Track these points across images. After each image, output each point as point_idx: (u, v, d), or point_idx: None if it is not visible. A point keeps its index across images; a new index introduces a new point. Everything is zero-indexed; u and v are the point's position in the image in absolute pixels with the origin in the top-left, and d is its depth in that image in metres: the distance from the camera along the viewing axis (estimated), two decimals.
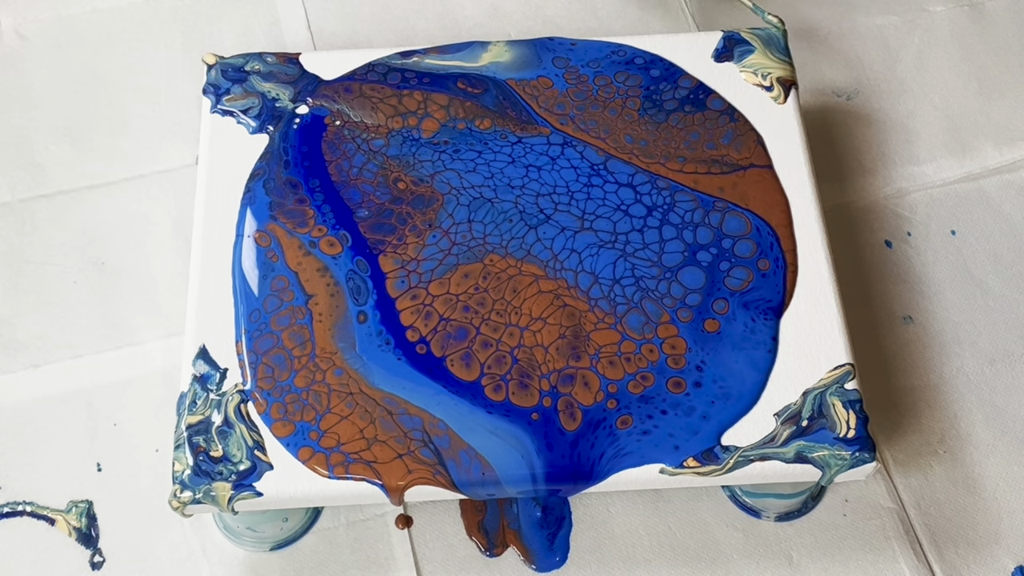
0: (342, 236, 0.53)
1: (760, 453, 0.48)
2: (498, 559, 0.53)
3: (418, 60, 0.58)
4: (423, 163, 0.55)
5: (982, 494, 0.54)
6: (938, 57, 0.67)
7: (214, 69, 0.58)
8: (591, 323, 0.51)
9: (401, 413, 0.48)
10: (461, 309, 0.51)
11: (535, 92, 0.57)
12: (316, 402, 0.49)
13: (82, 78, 0.66)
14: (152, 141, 0.64)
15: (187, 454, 0.48)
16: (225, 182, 0.54)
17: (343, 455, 0.48)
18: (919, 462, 0.55)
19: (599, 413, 0.49)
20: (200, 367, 0.50)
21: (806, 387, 0.49)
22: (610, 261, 0.52)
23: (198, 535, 0.53)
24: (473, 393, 0.49)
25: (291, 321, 0.51)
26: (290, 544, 0.53)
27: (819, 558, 0.53)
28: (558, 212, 0.54)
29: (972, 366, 0.57)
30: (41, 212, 0.61)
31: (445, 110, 0.57)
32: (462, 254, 0.52)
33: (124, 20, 0.68)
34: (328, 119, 0.56)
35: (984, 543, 0.53)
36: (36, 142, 0.64)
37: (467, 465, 0.47)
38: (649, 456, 0.48)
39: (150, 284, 0.59)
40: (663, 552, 0.53)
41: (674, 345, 0.50)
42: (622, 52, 0.58)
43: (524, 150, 0.55)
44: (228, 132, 0.56)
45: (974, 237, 0.61)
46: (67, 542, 0.53)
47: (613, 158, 0.55)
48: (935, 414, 0.56)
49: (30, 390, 0.56)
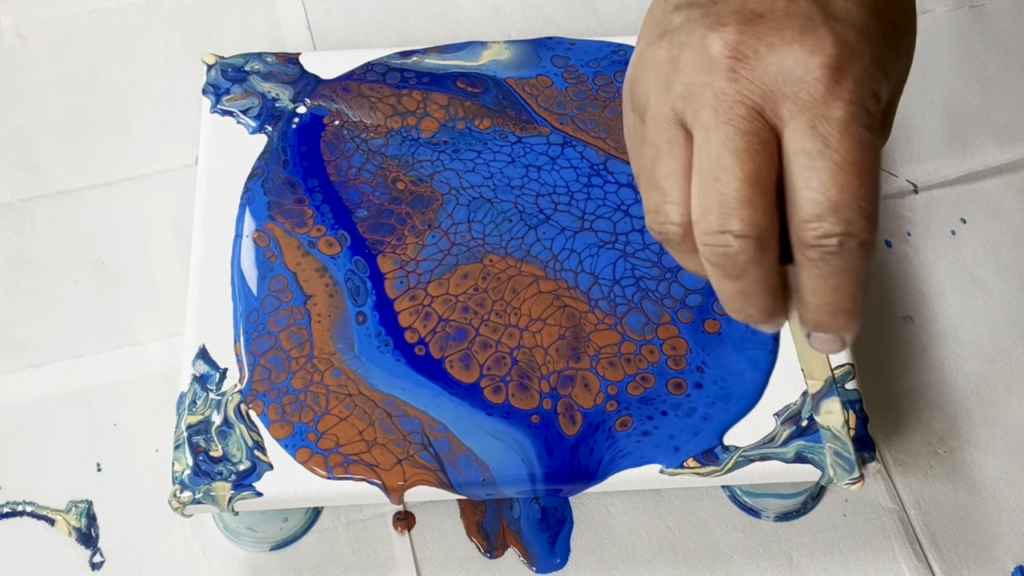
0: (341, 236, 0.53)
1: (760, 453, 0.48)
2: (498, 560, 0.53)
3: (417, 60, 0.58)
4: (422, 163, 0.55)
5: (982, 494, 0.54)
6: (938, 57, 0.66)
7: (214, 69, 0.58)
8: (591, 324, 0.51)
9: (400, 415, 0.48)
10: (460, 310, 0.51)
11: (535, 91, 0.57)
12: (314, 403, 0.49)
13: (82, 78, 0.66)
14: (152, 141, 0.63)
15: (187, 454, 0.48)
16: (225, 182, 0.54)
17: (342, 456, 0.48)
18: (919, 462, 0.55)
19: (599, 415, 0.49)
20: (200, 367, 0.50)
21: (806, 387, 0.49)
22: (610, 261, 0.52)
23: (198, 535, 0.53)
24: (473, 395, 0.49)
25: (289, 322, 0.51)
26: (290, 544, 0.53)
27: (819, 558, 0.53)
28: (558, 212, 0.54)
29: (972, 366, 0.57)
30: (41, 212, 0.61)
31: (444, 110, 0.57)
32: (461, 254, 0.52)
33: (124, 20, 0.68)
34: (327, 119, 0.56)
35: (984, 543, 0.53)
36: (36, 142, 0.63)
37: (467, 469, 0.47)
38: (649, 457, 0.48)
39: (150, 284, 0.59)
40: (663, 552, 0.53)
41: (675, 346, 0.50)
42: (622, 52, 0.58)
43: (524, 150, 0.55)
44: (228, 132, 0.56)
45: (974, 237, 0.61)
46: (67, 542, 0.53)
47: (613, 158, 0.55)
48: (935, 414, 0.56)
49: (30, 390, 0.56)
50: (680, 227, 0.36)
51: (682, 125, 0.35)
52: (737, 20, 0.34)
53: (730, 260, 0.35)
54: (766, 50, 0.34)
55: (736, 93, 0.34)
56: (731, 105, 0.34)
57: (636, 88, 0.37)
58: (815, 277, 0.35)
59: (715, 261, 0.35)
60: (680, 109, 0.35)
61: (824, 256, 0.34)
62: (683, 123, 0.35)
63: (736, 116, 0.34)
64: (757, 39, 0.34)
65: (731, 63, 0.34)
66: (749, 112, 0.34)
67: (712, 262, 0.35)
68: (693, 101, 0.34)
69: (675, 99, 0.35)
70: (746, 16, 0.34)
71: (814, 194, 0.33)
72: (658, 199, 0.36)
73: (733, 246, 0.34)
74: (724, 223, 0.34)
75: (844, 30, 0.34)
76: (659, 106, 0.36)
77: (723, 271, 0.35)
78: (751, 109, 0.34)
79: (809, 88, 0.33)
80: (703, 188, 0.34)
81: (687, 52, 0.35)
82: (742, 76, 0.34)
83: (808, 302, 0.36)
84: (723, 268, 0.35)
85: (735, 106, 0.34)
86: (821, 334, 0.37)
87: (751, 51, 0.34)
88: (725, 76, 0.34)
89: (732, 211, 0.34)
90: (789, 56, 0.33)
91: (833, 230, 0.33)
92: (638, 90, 0.37)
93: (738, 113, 0.34)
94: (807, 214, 0.33)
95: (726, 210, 0.34)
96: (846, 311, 0.36)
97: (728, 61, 0.34)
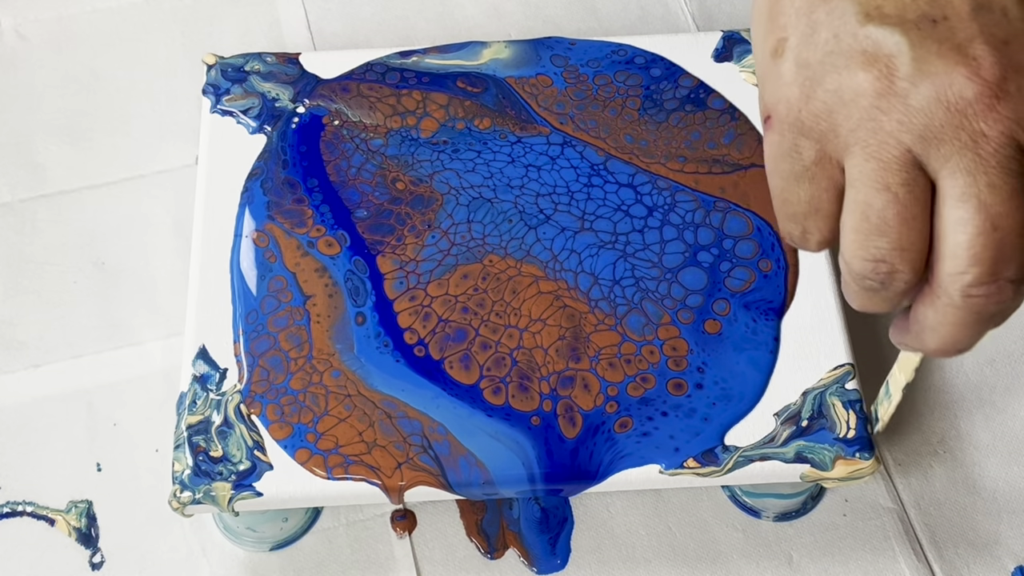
0: (340, 236, 0.53)
1: (760, 453, 0.48)
2: (499, 561, 0.53)
3: (417, 60, 0.58)
4: (422, 163, 0.55)
5: (982, 494, 0.54)
6: None
7: (214, 69, 0.58)
8: (591, 324, 0.51)
9: (400, 416, 0.48)
10: (460, 310, 0.51)
11: (534, 91, 0.57)
12: (313, 404, 0.49)
13: (82, 78, 0.66)
14: (152, 141, 0.63)
15: (187, 454, 0.48)
16: (225, 182, 0.54)
17: (342, 456, 0.48)
18: (919, 462, 0.55)
19: (599, 417, 0.49)
20: (200, 367, 0.50)
21: (806, 387, 0.49)
22: (610, 262, 0.52)
23: (198, 535, 0.53)
24: (472, 396, 0.49)
25: (289, 322, 0.51)
26: (290, 544, 0.53)
27: (819, 558, 0.53)
28: (558, 212, 0.54)
29: (972, 366, 0.57)
30: (41, 212, 0.61)
31: (444, 109, 0.57)
32: (461, 255, 0.52)
33: (124, 20, 0.68)
34: (326, 119, 0.56)
35: (984, 543, 0.53)
36: (36, 142, 0.63)
37: (467, 471, 0.47)
38: (649, 457, 0.48)
39: (150, 284, 0.59)
40: (663, 552, 0.53)
41: (675, 347, 0.50)
42: (622, 52, 0.58)
43: (524, 150, 0.55)
44: (228, 132, 0.56)
45: None
46: (67, 542, 0.53)
47: (613, 158, 0.55)
48: (935, 414, 0.56)
49: (30, 390, 0.56)
50: (913, 275, 0.33)
51: (919, 168, 0.32)
52: (986, 52, 0.31)
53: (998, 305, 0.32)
54: None
55: (999, 135, 0.31)
56: (997, 148, 0.31)
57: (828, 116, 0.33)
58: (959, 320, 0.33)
59: (977, 309, 0.33)
60: (920, 152, 0.32)
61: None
62: (920, 165, 0.32)
63: (1004, 158, 0.31)
64: (1018, 73, 0.31)
65: (991, 103, 0.31)
66: (1016, 153, 0.31)
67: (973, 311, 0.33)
68: (941, 145, 0.31)
69: (912, 139, 0.31)
70: (993, 45, 0.31)
71: None
72: (889, 245, 0.32)
73: (1007, 293, 0.32)
74: (998, 272, 0.32)
75: None
76: (888, 146, 0.32)
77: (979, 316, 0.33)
78: (1019, 150, 0.31)
79: None
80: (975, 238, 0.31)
81: (925, 88, 0.31)
82: (1005, 117, 0.31)
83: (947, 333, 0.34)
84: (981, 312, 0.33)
85: (1002, 148, 0.31)
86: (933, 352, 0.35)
87: (1014, 88, 0.31)
88: (985, 118, 0.31)
89: (1011, 258, 0.31)
90: None
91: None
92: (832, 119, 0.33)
93: (1006, 155, 0.31)
94: None
95: (1003, 257, 0.31)
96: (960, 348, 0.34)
97: (988, 101, 0.31)
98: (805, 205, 0.35)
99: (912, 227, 0.32)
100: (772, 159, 0.35)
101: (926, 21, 0.31)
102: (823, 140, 0.33)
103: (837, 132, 0.33)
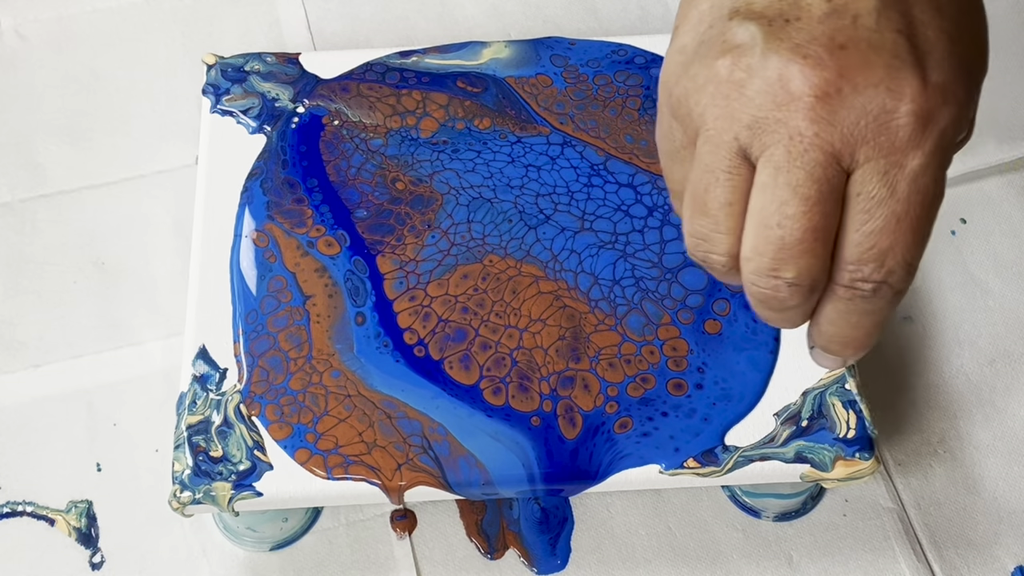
0: (340, 236, 0.53)
1: (760, 453, 0.48)
2: (499, 561, 0.53)
3: (417, 60, 0.58)
4: (422, 163, 0.55)
5: (982, 494, 0.54)
6: None
7: (214, 69, 0.58)
8: (591, 325, 0.50)
9: (400, 416, 0.48)
10: (460, 310, 0.51)
11: (534, 91, 0.57)
12: (313, 404, 0.49)
13: (82, 78, 0.66)
14: (152, 141, 0.63)
15: (187, 454, 0.48)
16: (225, 182, 0.54)
17: (342, 457, 0.47)
18: (919, 462, 0.55)
19: (599, 417, 0.49)
20: (200, 367, 0.50)
21: (806, 387, 0.49)
22: (610, 262, 0.52)
23: (198, 535, 0.53)
24: (472, 396, 0.49)
25: (288, 322, 0.51)
26: (290, 544, 0.53)
27: (819, 558, 0.53)
28: (558, 212, 0.54)
29: (972, 366, 0.57)
30: (41, 212, 0.61)
31: (444, 109, 0.57)
32: (461, 255, 0.52)
33: (124, 20, 0.68)
34: (326, 119, 0.56)
35: (984, 543, 0.53)
36: (36, 142, 0.63)
37: (467, 472, 0.47)
38: (649, 457, 0.48)
39: (150, 284, 0.59)
40: (663, 552, 0.53)
41: (675, 347, 0.50)
42: (622, 52, 0.58)
43: (524, 150, 0.55)
44: (228, 132, 0.56)
45: (974, 237, 0.61)
46: (67, 542, 0.53)
47: (613, 158, 0.55)
48: (935, 414, 0.56)
49: (30, 390, 0.56)
50: (727, 258, 0.34)
51: (744, 156, 0.33)
52: (819, 52, 0.31)
53: (777, 301, 0.33)
54: (851, 91, 0.31)
55: (814, 136, 0.31)
56: (807, 148, 0.31)
57: (685, 99, 0.34)
58: (839, 311, 0.34)
59: (761, 299, 0.34)
60: (745, 140, 0.33)
61: (855, 297, 0.33)
62: (746, 154, 0.33)
63: (811, 161, 0.31)
64: (841, 78, 0.31)
65: (812, 102, 0.31)
66: (826, 158, 0.32)
67: (758, 299, 0.34)
68: (763, 135, 0.32)
69: (740, 128, 0.33)
70: (828, 48, 0.31)
71: (863, 238, 0.32)
72: (707, 227, 0.34)
73: (783, 292, 0.33)
74: (778, 268, 0.32)
75: (934, 70, 0.32)
76: (721, 131, 0.33)
77: (766, 306, 0.34)
78: (828, 155, 0.32)
79: (892, 135, 0.31)
80: (760, 229, 0.33)
81: (759, 80, 0.32)
82: (822, 118, 0.31)
83: (823, 328, 0.35)
84: (767, 304, 0.34)
85: (811, 150, 0.31)
86: (824, 353, 0.36)
87: (835, 91, 0.31)
88: (804, 116, 0.31)
89: (789, 259, 0.32)
90: (875, 100, 0.31)
91: (872, 276, 0.32)
92: (688, 102, 0.34)
93: (813, 158, 0.31)
94: (851, 255, 0.32)
95: (783, 256, 0.32)
96: (857, 345, 0.35)
97: (809, 100, 0.31)
98: (679, 184, 0.36)
99: (728, 212, 0.33)
100: (657, 139, 0.37)
101: (781, 20, 0.32)
102: (684, 123, 0.35)
103: (691, 116, 0.34)
